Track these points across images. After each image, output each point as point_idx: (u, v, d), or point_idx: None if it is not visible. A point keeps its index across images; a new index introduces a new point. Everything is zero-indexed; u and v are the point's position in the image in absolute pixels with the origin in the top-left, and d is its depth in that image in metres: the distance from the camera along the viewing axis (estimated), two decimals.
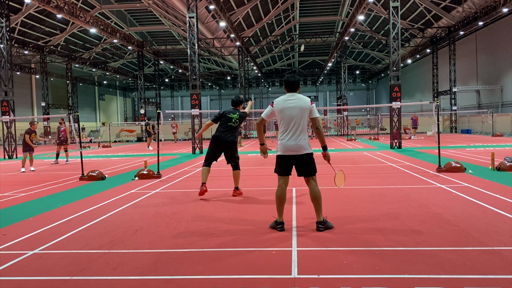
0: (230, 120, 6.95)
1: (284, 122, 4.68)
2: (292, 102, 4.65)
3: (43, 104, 37.05)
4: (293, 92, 4.75)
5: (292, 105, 4.63)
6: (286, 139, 4.66)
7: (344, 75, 39.15)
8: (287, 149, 4.66)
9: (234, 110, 7.07)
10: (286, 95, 4.75)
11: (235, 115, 6.99)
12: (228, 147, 7.01)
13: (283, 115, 4.67)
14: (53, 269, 3.76)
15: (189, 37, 18.56)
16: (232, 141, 6.99)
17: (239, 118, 7.01)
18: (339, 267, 3.58)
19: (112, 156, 18.10)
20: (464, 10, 27.82)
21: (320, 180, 8.96)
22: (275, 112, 4.75)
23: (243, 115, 7.10)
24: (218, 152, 7.07)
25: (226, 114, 7.00)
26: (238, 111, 7.10)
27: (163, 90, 64.03)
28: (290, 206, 6.17)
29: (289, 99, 4.69)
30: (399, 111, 18.17)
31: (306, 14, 37.47)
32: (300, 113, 4.63)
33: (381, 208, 5.86)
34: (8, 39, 19.99)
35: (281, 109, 4.66)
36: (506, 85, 29.05)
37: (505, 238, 4.27)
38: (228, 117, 6.97)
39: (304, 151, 4.68)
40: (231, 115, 6.98)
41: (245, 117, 7.18)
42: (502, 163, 9.54)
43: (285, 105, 4.65)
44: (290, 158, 4.71)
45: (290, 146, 4.63)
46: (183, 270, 3.63)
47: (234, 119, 6.96)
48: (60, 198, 7.55)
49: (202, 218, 5.61)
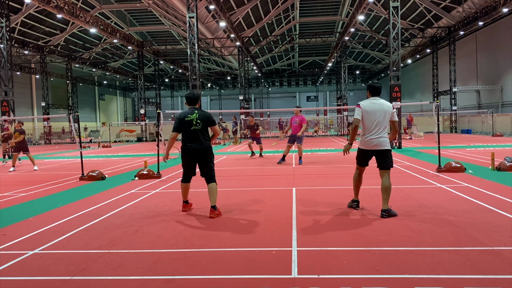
0: (191, 124, 5.69)
1: (368, 122, 5.43)
2: (377, 105, 5.39)
3: (43, 104, 37.08)
4: (377, 96, 5.51)
5: (377, 108, 5.37)
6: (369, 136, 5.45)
7: (344, 75, 39.13)
8: (367, 144, 5.48)
9: (192, 110, 5.77)
10: (371, 99, 5.50)
11: (194, 116, 5.70)
12: (199, 157, 5.76)
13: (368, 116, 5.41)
14: (53, 269, 3.76)
15: (189, 37, 18.56)
16: (202, 149, 5.72)
17: (201, 118, 5.72)
18: (339, 267, 3.58)
19: (112, 156, 18.09)
20: (464, 10, 27.82)
21: (321, 180, 8.98)
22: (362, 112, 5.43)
23: (206, 114, 5.82)
24: (192, 164, 5.85)
25: (184, 118, 5.71)
26: (197, 109, 5.81)
27: (163, 90, 64.01)
28: (290, 206, 6.17)
29: (374, 102, 5.43)
30: (399, 111, 18.16)
31: (306, 14, 37.47)
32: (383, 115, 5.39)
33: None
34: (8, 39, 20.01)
35: (367, 111, 5.39)
36: (506, 85, 29.04)
37: (505, 238, 4.27)
38: (187, 121, 5.69)
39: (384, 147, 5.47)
40: (189, 117, 5.69)
41: (211, 117, 5.84)
42: (502, 163, 9.54)
43: (371, 108, 5.38)
44: (369, 152, 5.55)
45: (371, 142, 5.44)
46: (183, 270, 3.63)
47: (195, 121, 5.69)
48: (60, 198, 7.55)
49: (202, 218, 5.61)
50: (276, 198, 6.95)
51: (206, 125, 5.77)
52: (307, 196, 6.96)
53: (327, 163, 12.49)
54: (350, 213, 5.67)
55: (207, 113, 5.85)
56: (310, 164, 12.17)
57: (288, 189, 7.78)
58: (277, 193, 7.41)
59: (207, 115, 5.82)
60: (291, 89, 68.84)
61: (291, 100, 68.92)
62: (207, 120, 5.77)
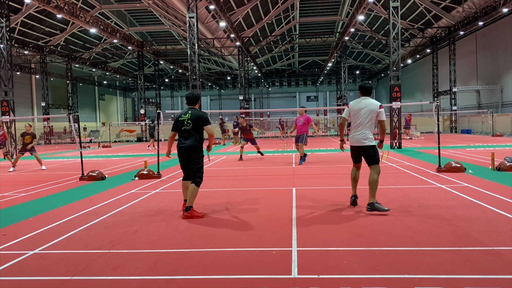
0: (183, 124, 5.71)
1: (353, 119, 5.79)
2: (363, 104, 5.72)
3: (43, 104, 37.08)
4: (368, 96, 5.84)
5: (362, 106, 5.71)
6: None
7: (344, 75, 39.13)
8: (352, 141, 5.84)
9: (187, 110, 5.78)
10: (360, 98, 5.84)
11: (186, 116, 5.69)
12: (186, 156, 5.70)
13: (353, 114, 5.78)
14: (53, 269, 3.76)
15: (189, 37, 18.56)
16: (188, 149, 5.64)
17: (192, 119, 5.66)
18: (339, 267, 3.58)
19: (112, 156, 18.09)
20: (464, 10, 27.82)
21: (321, 180, 8.98)
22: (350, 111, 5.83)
23: (199, 114, 5.72)
24: (183, 162, 5.84)
25: (179, 117, 5.79)
26: (192, 109, 5.78)
27: (163, 90, 63.98)
28: (290, 206, 6.17)
29: (360, 101, 5.77)
30: (399, 111, 18.18)
31: (306, 14, 37.46)
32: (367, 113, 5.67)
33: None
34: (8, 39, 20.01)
35: (354, 110, 5.78)
36: (506, 85, 29.04)
37: (505, 238, 4.27)
38: (180, 120, 5.74)
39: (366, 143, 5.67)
40: (182, 117, 5.73)
41: (204, 117, 5.73)
42: (502, 163, 9.54)
43: (357, 106, 5.74)
44: (355, 149, 5.87)
45: (354, 138, 5.78)
46: (183, 270, 3.63)
47: (186, 121, 5.68)
48: (60, 198, 7.55)
49: (202, 218, 5.61)
50: (276, 198, 6.95)
51: (197, 125, 5.68)
52: (307, 196, 6.96)
53: (327, 163, 12.48)
54: (350, 213, 5.67)
55: (200, 114, 5.74)
56: (310, 164, 12.17)
57: (288, 189, 7.78)
58: (277, 193, 7.41)
59: (200, 115, 5.71)
60: (291, 89, 68.84)
61: (291, 100, 68.91)
62: (199, 121, 5.67)
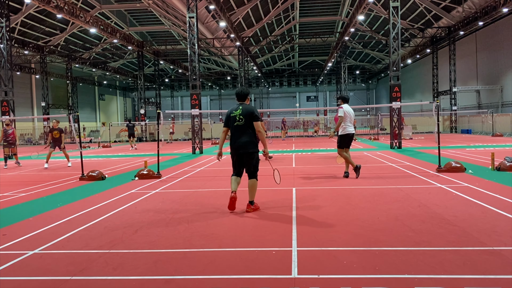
0: (235, 120, 5.74)
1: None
2: (350, 108, 7.96)
3: (43, 104, 37.08)
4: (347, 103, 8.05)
5: (351, 110, 8.17)
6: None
7: (344, 75, 39.13)
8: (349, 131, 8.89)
9: (238, 106, 5.84)
10: (345, 105, 8.53)
11: (238, 111, 5.73)
12: (242, 153, 5.73)
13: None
14: (53, 269, 3.76)
15: (189, 37, 18.56)
16: (244, 145, 5.68)
17: (244, 114, 5.69)
18: (339, 267, 3.58)
19: (112, 156, 18.09)
20: (464, 10, 27.82)
21: (321, 180, 8.97)
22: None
23: (250, 109, 5.76)
24: (238, 161, 5.83)
25: (230, 114, 5.83)
26: (242, 105, 5.83)
27: (163, 90, 64.01)
28: (290, 206, 6.17)
29: (348, 106, 8.10)
30: (399, 111, 18.17)
31: (306, 14, 37.47)
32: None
33: (381, 208, 5.85)
34: (8, 39, 20.02)
35: (348, 111, 8.94)
36: (506, 85, 29.04)
37: (505, 238, 4.27)
38: (232, 116, 5.77)
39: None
40: (234, 113, 5.76)
41: (255, 112, 5.76)
42: (502, 163, 9.54)
43: (348, 110, 8.83)
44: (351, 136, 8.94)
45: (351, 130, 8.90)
46: (183, 270, 3.63)
47: (238, 117, 5.71)
48: (60, 198, 7.55)
49: (202, 218, 5.61)
50: (276, 198, 6.95)
51: (249, 121, 5.71)
52: (307, 196, 6.96)
53: (327, 163, 12.48)
54: (350, 213, 5.67)
55: (251, 109, 5.79)
56: (310, 164, 12.17)
57: (288, 189, 7.78)
58: (277, 193, 7.40)
59: (251, 110, 5.75)
60: (291, 89, 68.87)
61: (291, 100, 68.94)
62: (250, 116, 5.71)
